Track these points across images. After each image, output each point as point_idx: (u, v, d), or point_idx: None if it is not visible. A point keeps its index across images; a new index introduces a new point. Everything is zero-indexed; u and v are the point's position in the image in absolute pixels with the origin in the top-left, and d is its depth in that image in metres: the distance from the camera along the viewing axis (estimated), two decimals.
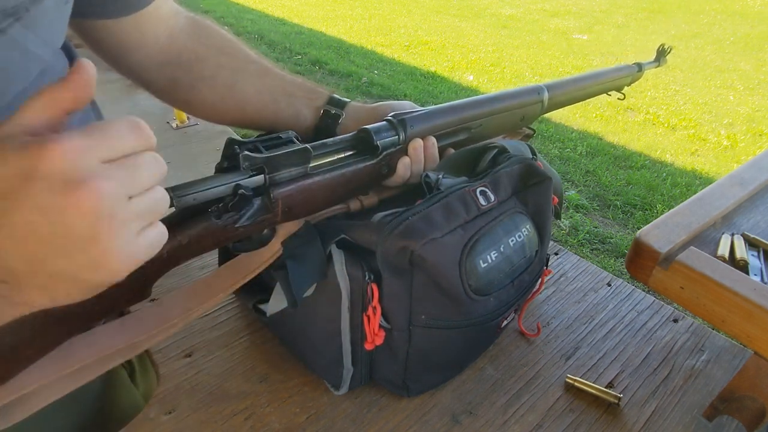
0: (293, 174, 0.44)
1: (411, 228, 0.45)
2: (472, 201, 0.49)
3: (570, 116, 3.56)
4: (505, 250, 0.50)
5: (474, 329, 0.51)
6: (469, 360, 0.58)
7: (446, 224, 0.46)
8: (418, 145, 0.53)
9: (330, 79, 4.00)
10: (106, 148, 0.26)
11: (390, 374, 0.53)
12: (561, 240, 2.30)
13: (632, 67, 0.80)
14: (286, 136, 0.46)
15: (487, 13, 6.28)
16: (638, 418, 0.54)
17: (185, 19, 0.60)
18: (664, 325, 0.65)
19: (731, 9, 6.68)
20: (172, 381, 0.54)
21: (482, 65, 4.55)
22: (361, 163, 0.50)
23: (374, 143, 0.50)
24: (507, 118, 0.62)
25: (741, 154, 3.22)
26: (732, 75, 4.51)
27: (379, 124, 0.52)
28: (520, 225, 0.52)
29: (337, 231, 0.48)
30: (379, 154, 0.50)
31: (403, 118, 0.52)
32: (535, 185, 0.54)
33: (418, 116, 0.53)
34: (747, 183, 0.61)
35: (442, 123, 0.55)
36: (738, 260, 0.51)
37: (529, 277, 0.54)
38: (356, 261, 0.47)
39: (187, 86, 0.60)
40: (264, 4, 6.17)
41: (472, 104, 0.58)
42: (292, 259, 0.46)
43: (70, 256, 0.26)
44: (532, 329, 0.62)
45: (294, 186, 0.45)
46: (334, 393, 0.54)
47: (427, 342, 0.50)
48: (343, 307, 0.48)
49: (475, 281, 0.48)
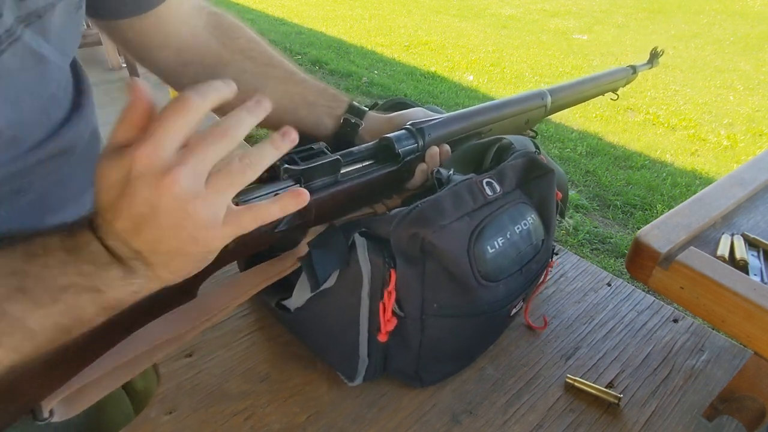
0: (326, 182, 0.49)
1: (421, 215, 0.47)
2: (479, 191, 0.51)
3: (570, 116, 3.56)
4: (512, 236, 0.52)
5: (485, 317, 0.53)
6: (480, 349, 0.59)
7: (454, 212, 0.48)
8: (434, 152, 0.57)
9: (330, 79, 3.99)
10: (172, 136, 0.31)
11: (403, 365, 0.54)
12: (561, 240, 2.30)
13: (627, 69, 0.85)
14: (318, 147, 0.50)
15: (487, 13, 6.28)
16: (638, 418, 0.54)
17: (208, 15, 0.60)
18: (664, 325, 0.65)
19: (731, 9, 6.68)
20: (172, 381, 0.55)
21: (482, 65, 4.55)
22: (385, 170, 0.55)
23: (396, 151, 0.55)
24: (513, 122, 0.66)
25: (741, 154, 3.22)
26: (732, 75, 4.50)
27: (400, 132, 0.56)
28: (525, 214, 0.54)
29: (357, 225, 0.50)
30: (401, 161, 0.55)
31: (421, 127, 0.57)
32: (539, 177, 0.56)
33: (435, 125, 0.58)
34: (747, 183, 0.61)
35: (456, 129, 0.60)
36: (738, 260, 0.51)
37: (537, 265, 0.56)
38: (377, 247, 0.49)
39: None
40: (264, 4, 6.17)
41: (483, 110, 0.63)
42: (316, 247, 0.49)
43: (175, 235, 0.32)
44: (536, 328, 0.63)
45: (326, 193, 0.49)
46: (348, 384, 0.55)
47: (440, 331, 0.52)
48: (363, 293, 0.50)
49: (484, 267, 0.50)
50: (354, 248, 0.49)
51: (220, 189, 0.33)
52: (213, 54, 0.59)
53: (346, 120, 0.62)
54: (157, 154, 0.30)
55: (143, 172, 0.30)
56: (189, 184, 0.31)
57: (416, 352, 0.53)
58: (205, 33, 0.59)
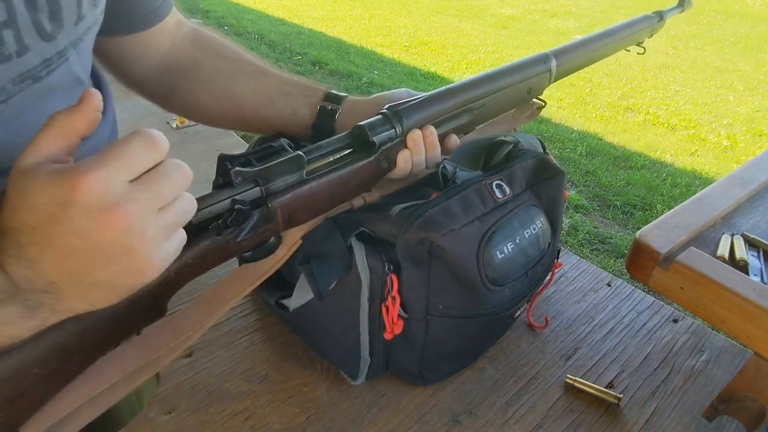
0: (289, 182, 0.44)
1: (431, 220, 0.46)
2: (489, 194, 0.50)
3: (570, 116, 3.56)
4: (521, 242, 0.52)
5: (489, 319, 0.53)
6: (483, 349, 0.59)
7: (464, 216, 0.48)
8: (416, 136, 0.51)
9: (330, 80, 3.99)
10: (128, 169, 0.28)
11: (406, 363, 0.54)
12: (561, 240, 2.29)
13: (651, 17, 0.72)
14: (278, 144, 0.45)
15: (487, 13, 6.28)
16: (638, 418, 0.53)
17: (188, 27, 0.61)
18: (664, 325, 0.65)
19: (731, 9, 6.68)
20: (172, 381, 0.54)
21: (482, 65, 4.55)
22: (358, 162, 0.48)
23: (370, 139, 0.48)
24: (511, 94, 0.58)
25: (741, 154, 3.22)
26: (732, 75, 4.50)
27: (374, 119, 0.50)
28: (534, 218, 0.53)
29: (356, 224, 0.49)
30: (377, 150, 0.49)
31: (397, 109, 0.50)
32: (548, 179, 0.56)
33: (413, 105, 0.51)
34: (747, 183, 0.61)
35: (440, 109, 0.53)
36: (738, 260, 0.51)
37: (542, 268, 0.56)
38: (376, 252, 0.48)
39: (184, 91, 0.60)
40: (264, 4, 6.16)
41: (470, 85, 0.55)
42: (316, 257, 0.47)
43: (107, 268, 0.29)
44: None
45: (291, 193, 0.44)
46: (351, 383, 0.55)
47: (444, 331, 0.52)
48: (362, 298, 0.49)
49: (492, 272, 0.50)
50: (352, 252, 0.48)
51: (170, 226, 0.31)
52: (188, 57, 0.60)
53: (322, 107, 0.58)
54: (108, 185, 0.27)
55: (86, 202, 0.27)
56: (138, 222, 0.28)
57: (420, 352, 0.53)
58: (185, 41, 0.60)
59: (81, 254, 0.28)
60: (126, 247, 0.28)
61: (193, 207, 0.32)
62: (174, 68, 0.59)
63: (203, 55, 0.60)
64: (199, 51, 0.60)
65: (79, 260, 0.28)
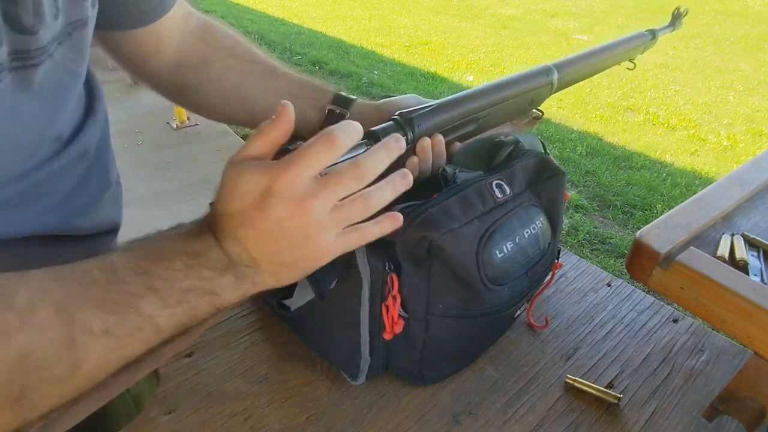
0: None
1: (430, 219, 0.46)
2: (488, 193, 0.50)
3: (570, 116, 3.56)
4: (521, 241, 0.51)
5: (488, 318, 0.53)
6: (483, 349, 0.59)
7: (464, 216, 0.48)
8: (426, 145, 0.52)
9: (330, 80, 3.99)
10: (314, 168, 0.34)
11: (406, 363, 0.54)
12: (561, 240, 2.29)
13: (645, 34, 0.75)
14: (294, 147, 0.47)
15: (487, 13, 6.28)
16: (638, 418, 0.53)
17: (197, 20, 0.61)
18: (664, 325, 0.65)
19: (731, 9, 6.68)
20: (172, 381, 0.54)
21: (482, 65, 4.55)
22: None
23: None
24: (515, 104, 0.60)
25: (741, 154, 3.22)
26: (732, 75, 4.50)
27: (386, 124, 0.51)
28: (534, 217, 0.53)
29: None
30: None
31: (410, 117, 0.51)
32: (549, 179, 0.56)
33: (426, 114, 0.52)
34: (747, 183, 0.61)
35: (449, 118, 0.54)
36: (738, 260, 0.51)
37: (542, 268, 0.56)
38: (376, 252, 0.48)
39: (194, 88, 0.60)
40: (264, 4, 6.17)
41: (479, 95, 0.56)
42: None
43: (293, 251, 0.36)
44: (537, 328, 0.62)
45: None
46: (352, 383, 0.55)
47: (444, 331, 0.52)
48: (363, 298, 0.49)
49: (491, 271, 0.49)
50: (353, 252, 0.48)
51: (340, 222, 0.36)
52: (198, 54, 0.60)
53: (331, 111, 0.59)
54: (299, 180, 0.34)
55: (282, 192, 0.33)
56: (317, 214, 0.35)
57: (420, 351, 0.53)
58: (193, 36, 0.60)
59: (275, 237, 0.35)
60: (306, 235, 0.35)
61: (361, 210, 0.37)
62: (185, 64, 0.59)
63: (214, 52, 0.60)
64: (209, 48, 0.60)
65: (273, 242, 0.35)
